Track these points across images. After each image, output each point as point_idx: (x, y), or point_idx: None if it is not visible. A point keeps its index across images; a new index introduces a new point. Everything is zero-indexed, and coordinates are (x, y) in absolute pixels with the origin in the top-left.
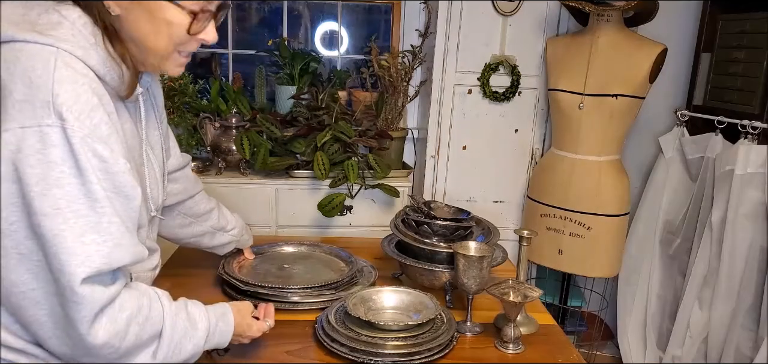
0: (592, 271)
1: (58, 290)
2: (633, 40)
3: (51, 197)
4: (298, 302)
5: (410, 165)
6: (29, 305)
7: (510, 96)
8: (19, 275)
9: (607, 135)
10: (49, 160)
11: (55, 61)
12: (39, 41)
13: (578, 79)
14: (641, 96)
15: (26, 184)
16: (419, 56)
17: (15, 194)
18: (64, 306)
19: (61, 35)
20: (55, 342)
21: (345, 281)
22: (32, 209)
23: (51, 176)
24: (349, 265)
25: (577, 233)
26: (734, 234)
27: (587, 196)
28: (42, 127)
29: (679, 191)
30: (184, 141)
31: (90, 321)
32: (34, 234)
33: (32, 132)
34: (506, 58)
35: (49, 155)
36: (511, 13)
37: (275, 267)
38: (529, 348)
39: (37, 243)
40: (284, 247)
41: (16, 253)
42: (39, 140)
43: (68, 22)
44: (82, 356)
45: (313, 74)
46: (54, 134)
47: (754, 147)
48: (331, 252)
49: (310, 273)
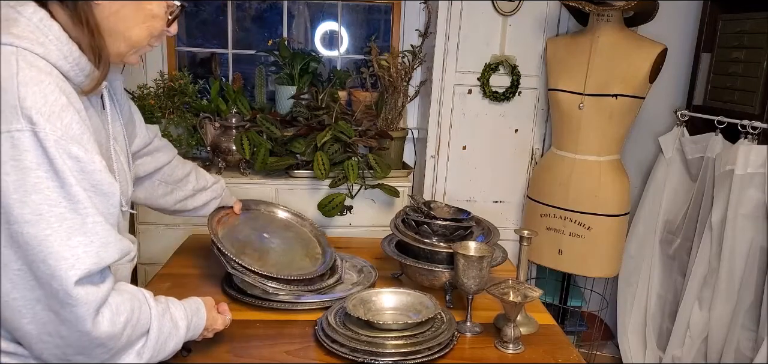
0: (592, 271)
1: (48, 295)
2: (633, 40)
3: (31, 204)
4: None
5: (410, 165)
6: (12, 315)
7: (510, 96)
8: (2, 286)
9: (607, 135)
10: (23, 167)
11: (16, 61)
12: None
13: (578, 79)
14: (641, 96)
15: (3, 193)
16: (419, 56)
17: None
18: (59, 310)
19: (18, 33)
20: (41, 347)
21: (331, 283)
22: (12, 218)
23: (28, 182)
24: (324, 256)
25: (577, 233)
26: (734, 234)
27: (587, 196)
28: (12, 132)
29: (679, 191)
30: (184, 141)
31: (91, 319)
32: (12, 243)
33: (3, 139)
34: (506, 58)
35: (23, 161)
36: (511, 13)
37: (256, 235)
38: (529, 348)
39: (16, 252)
40: (271, 210)
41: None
42: (11, 147)
43: (24, 18)
44: (74, 355)
45: (313, 74)
46: (25, 139)
47: (754, 147)
48: (313, 232)
49: (285, 255)
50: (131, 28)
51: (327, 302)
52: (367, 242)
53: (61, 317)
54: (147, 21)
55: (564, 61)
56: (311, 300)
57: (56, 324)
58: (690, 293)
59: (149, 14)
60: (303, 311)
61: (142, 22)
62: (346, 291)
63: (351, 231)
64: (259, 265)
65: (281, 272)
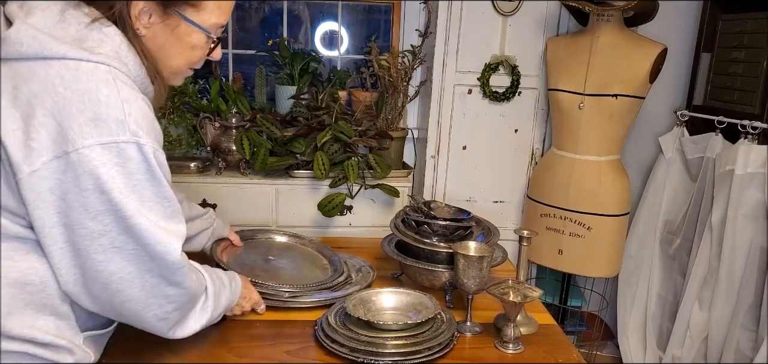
0: (592, 271)
1: (159, 266)
2: (633, 40)
3: (134, 200)
4: (290, 301)
5: (410, 165)
6: (126, 287)
7: (510, 96)
8: (117, 264)
9: (607, 135)
10: (128, 172)
11: (114, 80)
12: (92, 59)
13: (578, 79)
14: (641, 96)
15: (116, 191)
16: (419, 56)
17: (104, 201)
18: (168, 276)
19: (108, 52)
20: (146, 311)
21: (341, 281)
22: (124, 213)
23: (131, 183)
24: (333, 263)
25: (577, 233)
26: (734, 234)
27: (587, 196)
28: (119, 144)
29: (679, 191)
30: (184, 141)
31: (188, 277)
32: (126, 230)
33: (110, 148)
34: (506, 58)
35: (128, 167)
36: (511, 13)
37: (261, 259)
38: (529, 348)
39: (130, 237)
40: (268, 236)
41: (113, 247)
42: (117, 155)
43: (109, 40)
44: (174, 311)
45: (313, 74)
46: (130, 150)
47: (754, 147)
48: (313, 246)
49: (297, 270)
50: (173, 57)
51: (319, 301)
52: (367, 242)
53: (170, 280)
54: (186, 52)
55: (564, 61)
56: (325, 297)
57: (164, 286)
58: (690, 293)
59: (189, 46)
60: (305, 309)
61: (181, 53)
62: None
63: (351, 231)
64: (276, 283)
65: (294, 284)
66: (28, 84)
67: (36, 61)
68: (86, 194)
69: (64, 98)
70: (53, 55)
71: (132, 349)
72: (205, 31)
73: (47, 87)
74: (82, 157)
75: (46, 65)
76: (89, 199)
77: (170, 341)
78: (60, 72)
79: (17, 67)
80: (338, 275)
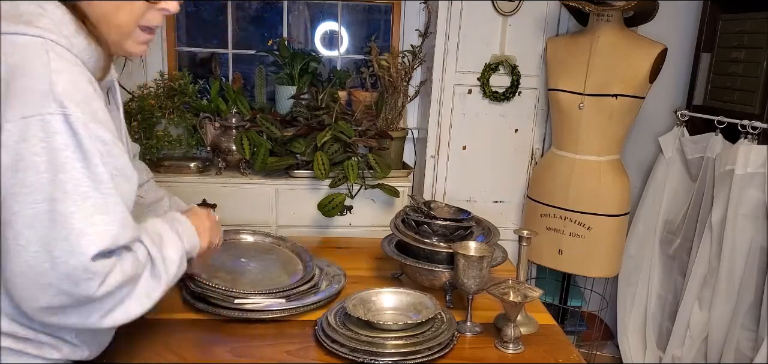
0: (592, 271)
1: (66, 270)
2: (633, 40)
3: (58, 182)
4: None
5: (410, 165)
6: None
7: (510, 96)
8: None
9: (607, 135)
10: (53, 147)
11: (46, 52)
12: (27, 33)
13: (578, 79)
14: (641, 96)
15: (33, 171)
16: (419, 56)
17: (17, 183)
18: (76, 284)
19: (45, 26)
20: (31, 299)
21: (302, 290)
22: (40, 196)
23: (57, 161)
24: (306, 270)
25: (577, 233)
26: (734, 234)
27: (587, 196)
28: (43, 115)
29: (679, 191)
30: (184, 141)
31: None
32: (33, 222)
33: (35, 121)
34: (506, 58)
35: (53, 142)
36: (511, 13)
37: (231, 259)
38: (529, 348)
39: (37, 231)
40: (245, 237)
41: (15, 244)
42: (41, 129)
43: (47, 14)
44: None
45: (313, 74)
46: (56, 122)
47: (754, 147)
48: (294, 250)
49: (262, 274)
50: (115, 13)
51: (294, 309)
52: (367, 242)
53: (79, 291)
54: (127, 5)
55: (564, 61)
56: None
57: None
58: (690, 293)
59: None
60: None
61: (122, 6)
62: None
63: (351, 231)
64: (231, 285)
65: (254, 288)
66: None
67: None
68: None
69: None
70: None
71: (132, 349)
72: None
73: None
74: (4, 133)
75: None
76: (4, 175)
77: (170, 341)
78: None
79: None
80: (299, 285)
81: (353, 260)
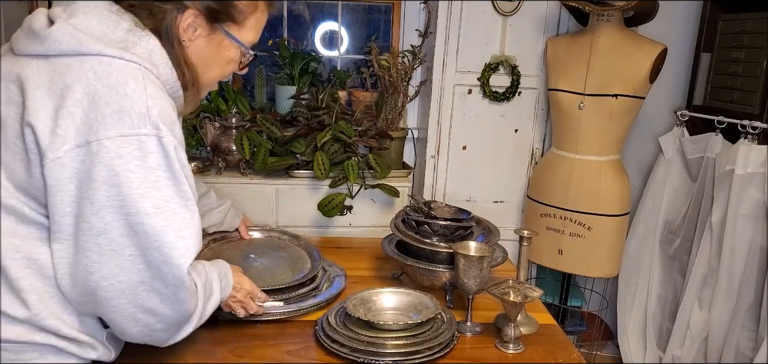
0: (592, 271)
1: (154, 277)
2: (633, 40)
3: (151, 199)
4: None
5: (410, 165)
6: (114, 296)
7: (510, 96)
8: (109, 269)
9: (607, 135)
10: (148, 166)
11: (143, 77)
12: (124, 57)
13: (578, 79)
14: (641, 96)
15: (127, 186)
16: (419, 56)
17: (112, 196)
18: (167, 293)
19: (140, 53)
20: (132, 326)
21: (302, 293)
22: (134, 209)
23: (149, 179)
24: (313, 269)
25: (577, 233)
26: (734, 234)
27: (587, 196)
28: (140, 136)
29: (679, 191)
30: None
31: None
32: (130, 232)
33: (131, 140)
34: (506, 58)
35: (148, 161)
36: (511, 13)
37: (240, 255)
38: (529, 348)
39: (132, 240)
40: (257, 234)
41: (109, 249)
42: (137, 148)
43: (144, 43)
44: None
45: (313, 74)
46: (151, 143)
47: (754, 147)
48: (307, 249)
49: (267, 272)
50: (211, 68)
51: (291, 312)
52: (367, 242)
53: (167, 296)
54: (222, 65)
55: (564, 61)
56: (279, 311)
57: (156, 302)
58: (690, 293)
59: (225, 59)
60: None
61: (219, 65)
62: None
63: (351, 231)
64: None
65: None
66: (64, 77)
67: (73, 58)
68: (95, 185)
69: (95, 90)
70: (89, 51)
71: (132, 349)
72: (244, 48)
73: (80, 79)
74: (102, 148)
75: (81, 60)
76: (97, 191)
77: None
78: (94, 66)
79: (55, 63)
80: (295, 285)
81: (353, 260)
